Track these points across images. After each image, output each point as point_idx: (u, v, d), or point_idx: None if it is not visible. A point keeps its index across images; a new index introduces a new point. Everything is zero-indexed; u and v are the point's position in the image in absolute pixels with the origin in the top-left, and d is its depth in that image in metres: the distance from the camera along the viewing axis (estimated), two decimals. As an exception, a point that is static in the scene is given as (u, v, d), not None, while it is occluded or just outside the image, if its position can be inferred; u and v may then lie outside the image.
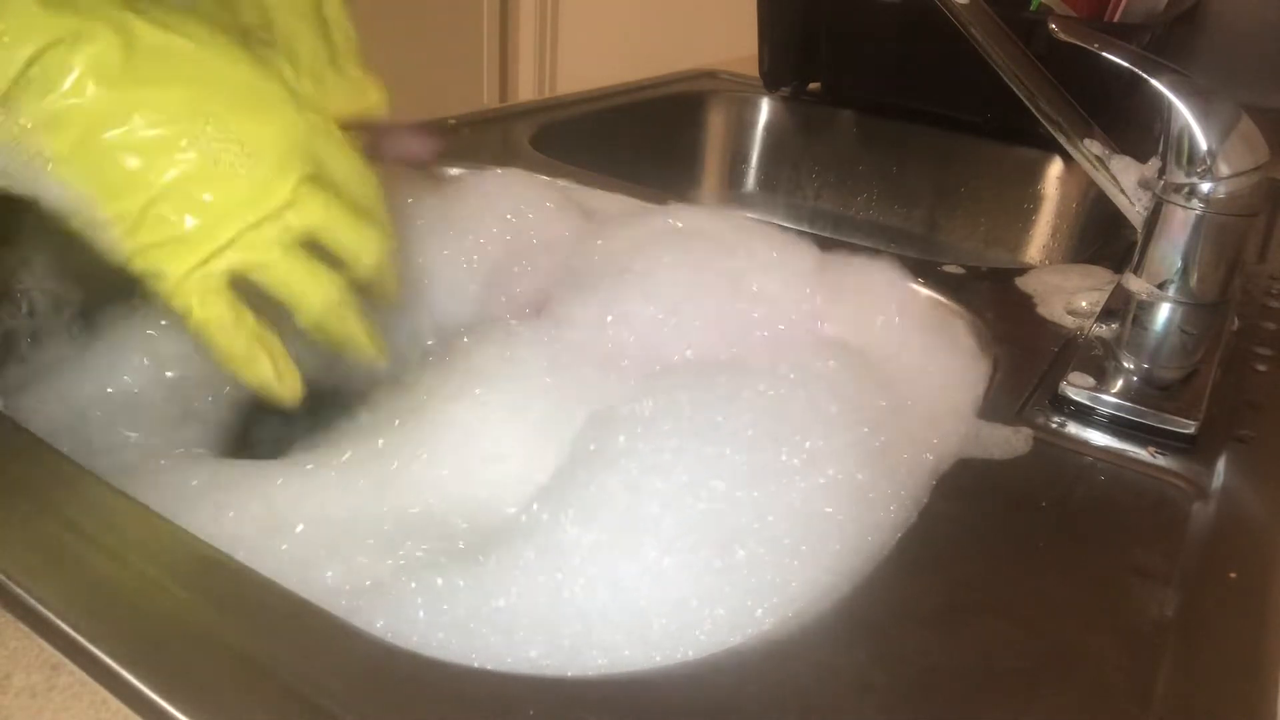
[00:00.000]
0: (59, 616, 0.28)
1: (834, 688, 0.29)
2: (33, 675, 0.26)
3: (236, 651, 0.27)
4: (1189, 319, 0.45)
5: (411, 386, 0.46)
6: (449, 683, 0.28)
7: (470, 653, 0.32)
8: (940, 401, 0.45)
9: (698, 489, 0.35)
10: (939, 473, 0.40)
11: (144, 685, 0.26)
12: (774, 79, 1.05)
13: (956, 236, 0.98)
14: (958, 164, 0.97)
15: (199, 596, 0.29)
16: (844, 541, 0.35)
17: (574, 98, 0.97)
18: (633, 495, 0.35)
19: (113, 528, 0.32)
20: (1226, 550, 0.36)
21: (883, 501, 0.37)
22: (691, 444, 0.37)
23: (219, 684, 0.26)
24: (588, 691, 0.28)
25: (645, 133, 1.01)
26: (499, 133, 0.83)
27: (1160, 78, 0.43)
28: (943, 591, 0.33)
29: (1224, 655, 0.31)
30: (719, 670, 0.30)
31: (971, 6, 0.61)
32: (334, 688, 0.26)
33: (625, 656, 0.32)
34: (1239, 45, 0.44)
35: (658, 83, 1.06)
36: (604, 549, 0.34)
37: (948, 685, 0.29)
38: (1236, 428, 0.45)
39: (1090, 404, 0.45)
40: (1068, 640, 0.31)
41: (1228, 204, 0.43)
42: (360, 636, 0.29)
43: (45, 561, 0.30)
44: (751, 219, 0.61)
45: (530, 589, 0.33)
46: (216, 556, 0.31)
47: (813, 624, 0.32)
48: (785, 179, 1.06)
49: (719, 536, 0.34)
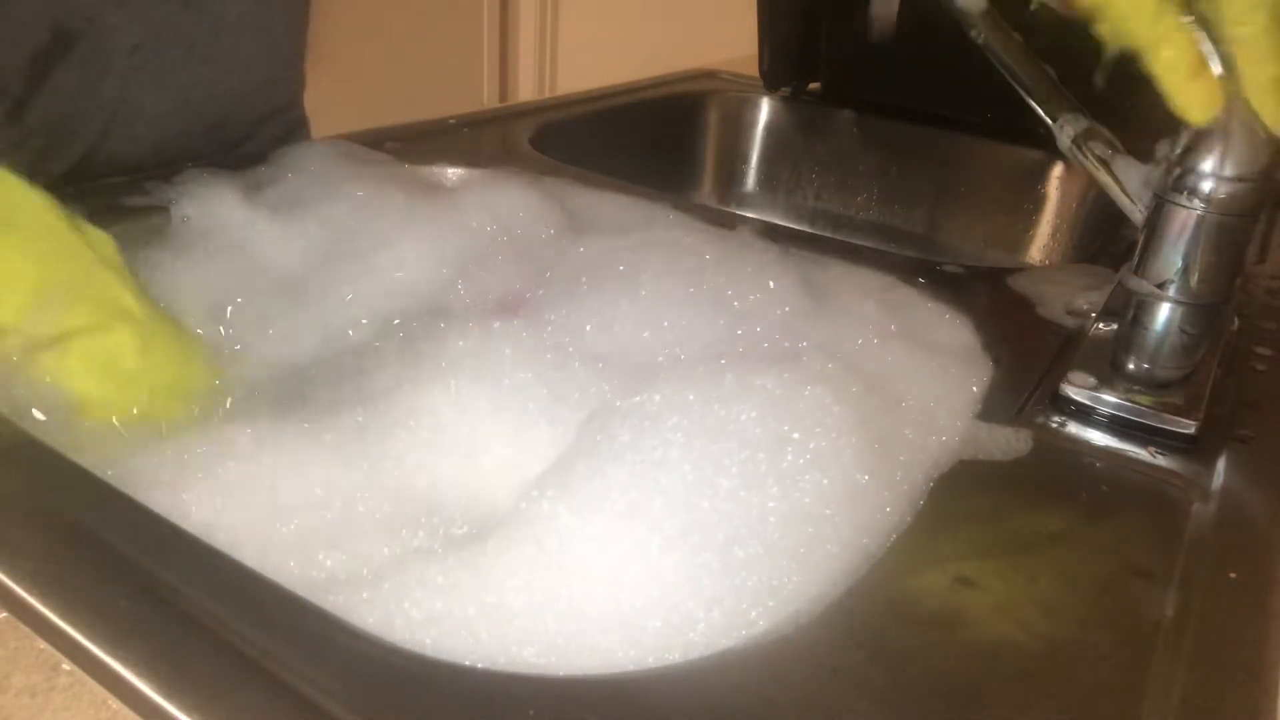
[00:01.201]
0: (59, 616, 0.28)
1: (834, 688, 0.29)
2: (33, 675, 0.26)
3: (236, 651, 0.27)
4: (1189, 319, 0.45)
5: (382, 377, 0.46)
6: (449, 683, 0.28)
7: (460, 647, 0.32)
8: (939, 402, 0.45)
9: (701, 487, 0.35)
10: (938, 474, 0.40)
11: (144, 685, 0.26)
12: (774, 79, 1.05)
13: (956, 236, 0.98)
14: (958, 164, 0.97)
15: (200, 596, 0.29)
16: (841, 544, 0.35)
17: (574, 98, 0.97)
18: (637, 490, 0.35)
19: (112, 527, 0.32)
20: (1226, 550, 0.36)
21: (880, 504, 0.37)
22: (698, 441, 0.37)
23: (219, 684, 0.26)
24: (588, 691, 0.28)
25: (645, 133, 1.01)
26: (499, 133, 0.83)
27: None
28: (943, 592, 0.33)
29: (1224, 655, 0.31)
30: (719, 670, 0.30)
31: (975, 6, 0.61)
32: (334, 688, 0.26)
33: (618, 657, 0.32)
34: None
35: (658, 83, 1.06)
36: (603, 543, 0.34)
37: (948, 685, 0.29)
38: (1236, 428, 0.45)
39: (1090, 404, 0.45)
40: (1068, 640, 0.31)
41: (1229, 204, 0.43)
42: (360, 636, 0.29)
43: (45, 562, 0.30)
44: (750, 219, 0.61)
45: (528, 583, 0.33)
46: (217, 556, 0.31)
47: (812, 624, 0.32)
48: (785, 179, 1.06)
49: (721, 536, 0.34)
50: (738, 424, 0.38)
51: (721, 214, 0.71)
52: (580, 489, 0.36)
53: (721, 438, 0.37)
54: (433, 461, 0.43)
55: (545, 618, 0.32)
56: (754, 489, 0.36)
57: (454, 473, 0.43)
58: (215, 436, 0.42)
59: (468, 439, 0.44)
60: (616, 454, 0.37)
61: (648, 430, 0.37)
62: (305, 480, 0.41)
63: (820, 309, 0.53)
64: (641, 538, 0.34)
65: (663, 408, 0.38)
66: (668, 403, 0.39)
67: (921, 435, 0.42)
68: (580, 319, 0.50)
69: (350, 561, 0.38)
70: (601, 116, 0.95)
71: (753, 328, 0.51)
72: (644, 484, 0.36)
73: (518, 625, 0.32)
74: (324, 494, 0.41)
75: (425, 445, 0.44)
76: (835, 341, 0.50)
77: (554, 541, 0.34)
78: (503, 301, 0.57)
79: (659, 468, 0.36)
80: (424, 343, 0.48)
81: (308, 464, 0.42)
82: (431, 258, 0.59)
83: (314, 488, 0.41)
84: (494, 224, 0.60)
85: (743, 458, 0.36)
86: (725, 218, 0.66)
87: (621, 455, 0.37)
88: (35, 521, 0.32)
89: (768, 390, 0.39)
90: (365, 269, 0.58)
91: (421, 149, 0.75)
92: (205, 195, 0.58)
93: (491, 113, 0.90)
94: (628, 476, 0.36)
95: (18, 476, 0.34)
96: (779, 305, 0.52)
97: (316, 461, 0.42)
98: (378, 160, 0.69)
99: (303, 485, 0.41)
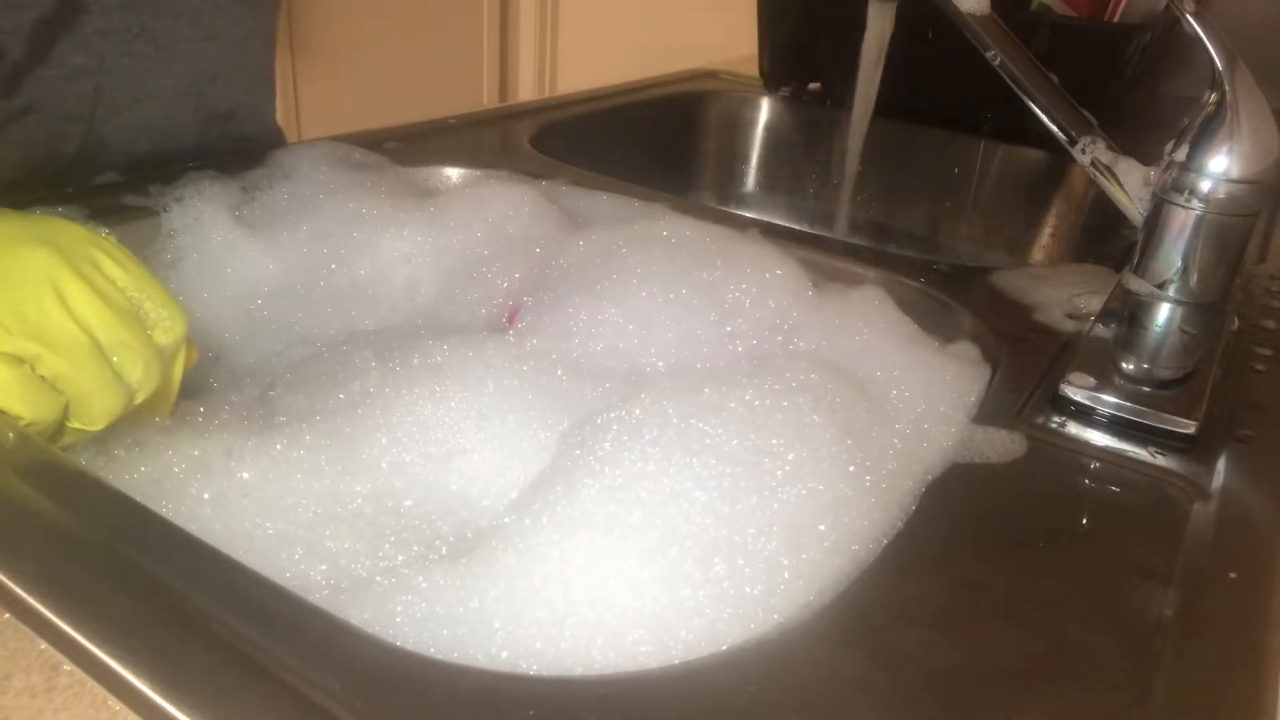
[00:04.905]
0: (59, 616, 0.28)
1: (833, 688, 0.29)
2: (33, 675, 0.26)
3: (237, 651, 0.27)
4: (1189, 319, 0.45)
5: (365, 386, 0.46)
6: (449, 683, 0.28)
7: (438, 653, 0.32)
8: (936, 405, 0.45)
9: (680, 499, 0.35)
10: (933, 477, 0.40)
11: (144, 685, 0.26)
12: (774, 79, 1.05)
13: (956, 237, 0.98)
14: (958, 164, 0.97)
15: (200, 596, 0.29)
16: (825, 551, 0.35)
17: (574, 98, 0.97)
18: (616, 503, 0.35)
19: (113, 527, 0.32)
20: (1226, 550, 0.36)
21: (867, 510, 0.37)
22: (676, 454, 0.37)
23: (219, 684, 0.26)
24: (588, 691, 0.28)
25: (645, 133, 1.01)
26: (499, 133, 0.83)
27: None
28: (942, 592, 0.33)
29: (1224, 655, 0.31)
30: (719, 670, 0.30)
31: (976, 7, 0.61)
32: (334, 688, 0.26)
33: (598, 667, 0.32)
34: (1239, 45, 0.44)
35: (657, 83, 1.06)
36: (583, 556, 0.34)
37: (947, 685, 0.29)
38: (1236, 428, 0.45)
39: (1090, 404, 0.45)
40: (1068, 640, 0.31)
41: (1228, 204, 0.43)
42: (360, 636, 0.29)
43: (45, 561, 0.30)
44: (749, 218, 0.61)
45: (507, 593, 0.33)
46: (218, 556, 0.31)
47: (812, 624, 0.32)
48: (785, 179, 1.06)
49: (699, 548, 0.34)
50: (716, 437, 0.37)
51: (721, 214, 0.71)
52: (559, 501, 0.36)
53: (701, 450, 0.37)
54: (414, 470, 0.43)
55: (525, 625, 0.32)
56: (733, 501, 0.36)
57: (435, 481, 0.43)
58: (192, 447, 0.42)
59: (451, 448, 0.44)
60: (595, 467, 0.37)
61: (626, 444, 0.37)
62: (283, 489, 0.41)
63: (817, 309, 0.53)
64: (621, 550, 0.34)
65: (643, 420, 0.38)
66: (647, 415, 0.39)
67: (915, 439, 0.42)
68: (569, 325, 0.50)
69: (331, 571, 0.38)
70: (601, 116, 0.95)
71: (746, 329, 0.51)
72: (623, 496, 0.35)
73: (499, 634, 0.32)
74: (305, 502, 0.41)
75: (407, 453, 0.44)
76: (831, 343, 0.50)
77: (533, 553, 0.34)
78: (495, 309, 0.56)
79: (639, 480, 0.36)
80: (409, 352, 0.48)
81: (285, 473, 0.42)
82: (422, 267, 0.59)
83: (292, 496, 0.41)
84: (487, 229, 0.60)
85: (721, 470, 0.36)
86: (724, 217, 0.66)
87: (600, 468, 0.37)
88: (35, 522, 0.32)
89: (746, 402, 0.39)
90: (355, 279, 0.58)
91: (421, 149, 0.75)
92: (199, 200, 0.58)
93: (491, 113, 0.90)
94: (606, 489, 0.36)
95: (18, 479, 0.34)
96: (774, 306, 0.52)
97: (294, 470, 0.42)
98: (375, 164, 0.69)
99: (281, 494, 0.41)
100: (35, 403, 0.37)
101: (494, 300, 0.57)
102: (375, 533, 0.40)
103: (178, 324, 0.43)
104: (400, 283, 0.58)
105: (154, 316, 0.42)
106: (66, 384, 0.38)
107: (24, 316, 0.38)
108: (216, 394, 0.51)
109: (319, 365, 0.50)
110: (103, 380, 0.39)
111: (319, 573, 0.38)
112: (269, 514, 0.40)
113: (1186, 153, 0.44)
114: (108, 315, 0.40)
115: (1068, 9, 0.93)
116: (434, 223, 0.60)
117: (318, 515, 0.40)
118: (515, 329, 0.52)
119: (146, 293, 0.42)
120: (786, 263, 0.55)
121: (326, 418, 0.44)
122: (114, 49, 0.60)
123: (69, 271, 0.39)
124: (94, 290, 0.40)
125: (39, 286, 0.38)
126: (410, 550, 0.40)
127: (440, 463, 0.43)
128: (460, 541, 0.40)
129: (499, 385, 0.45)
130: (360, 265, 0.58)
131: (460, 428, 0.44)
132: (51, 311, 0.38)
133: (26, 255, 0.39)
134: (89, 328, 0.39)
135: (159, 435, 0.42)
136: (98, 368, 0.39)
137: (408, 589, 0.34)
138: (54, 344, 0.38)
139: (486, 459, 0.43)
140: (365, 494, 0.42)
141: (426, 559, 0.39)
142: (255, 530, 0.39)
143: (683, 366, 0.49)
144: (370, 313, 0.57)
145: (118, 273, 0.41)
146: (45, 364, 0.38)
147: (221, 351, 0.55)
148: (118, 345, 0.40)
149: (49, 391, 0.38)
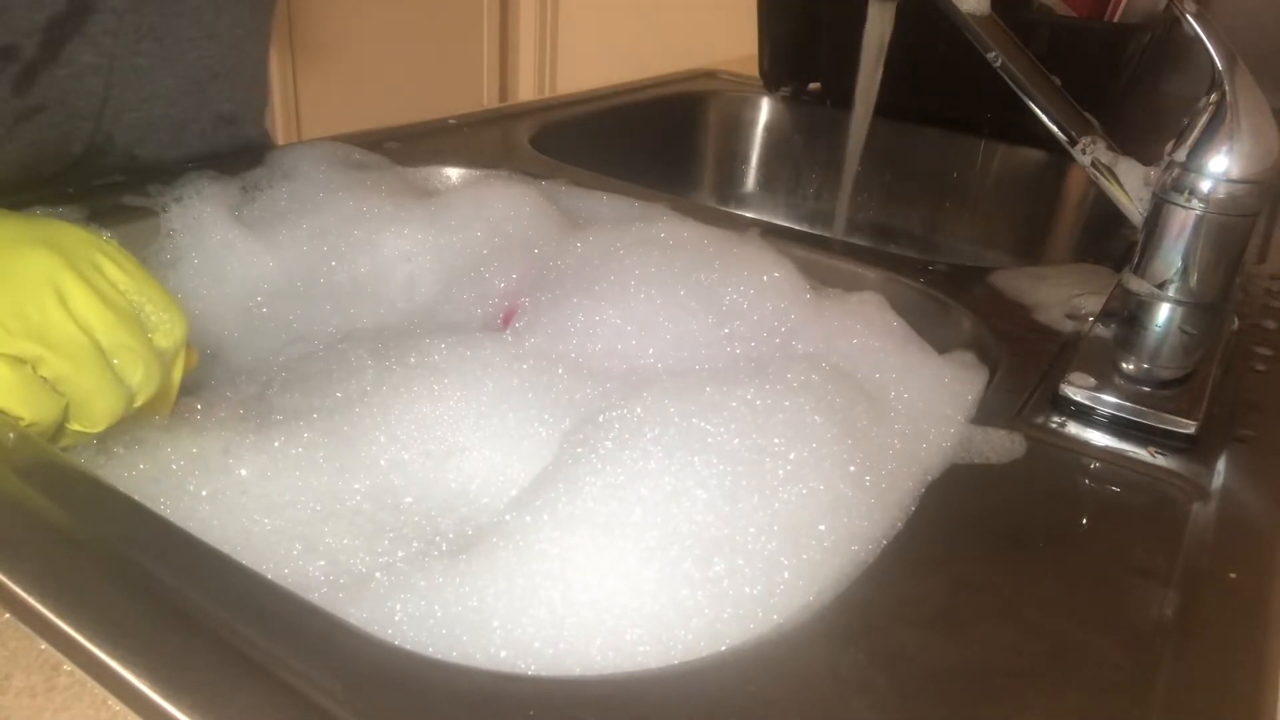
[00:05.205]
0: (59, 616, 0.28)
1: (833, 688, 0.29)
2: (33, 675, 0.26)
3: (237, 651, 0.27)
4: (1189, 319, 0.45)
5: (363, 385, 0.46)
6: (449, 683, 0.28)
7: (437, 651, 0.32)
8: (936, 405, 0.45)
9: (681, 498, 0.35)
10: (932, 478, 0.40)
11: (144, 685, 0.26)
12: (774, 79, 1.05)
13: (956, 237, 0.98)
14: (958, 164, 0.97)
15: (200, 596, 0.29)
16: (825, 551, 0.35)
17: (574, 98, 0.97)
18: (617, 501, 0.35)
19: (113, 527, 0.32)
20: (1226, 550, 0.36)
21: (867, 510, 0.37)
22: (678, 452, 0.37)
23: (219, 684, 0.26)
24: (588, 692, 0.28)
25: (645, 133, 1.01)
26: (499, 133, 0.83)
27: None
28: (942, 592, 0.33)
29: (1224, 655, 0.31)
30: (719, 670, 0.30)
31: (976, 8, 0.61)
32: (333, 687, 0.26)
33: (597, 665, 0.31)
34: (1239, 45, 0.44)
35: (657, 83, 1.06)
36: (584, 554, 0.34)
37: (948, 685, 0.29)
38: (1236, 428, 0.45)
39: (1090, 404, 0.45)
40: (1068, 640, 0.31)
41: (1228, 204, 0.43)
42: (360, 636, 0.29)
43: (45, 561, 0.30)
44: (749, 219, 0.61)
45: (506, 591, 0.33)
46: (218, 556, 0.31)
47: (812, 624, 0.32)
48: (785, 179, 1.06)
49: (699, 547, 0.34)
50: (718, 436, 0.37)
51: (720, 214, 0.71)
52: (560, 498, 0.36)
53: (702, 449, 0.37)
54: (413, 467, 0.43)
55: (525, 624, 0.32)
56: (734, 500, 0.36)
57: (435, 479, 0.43)
58: (190, 444, 0.42)
59: (450, 446, 0.44)
60: (597, 465, 0.37)
61: (628, 442, 0.37)
62: (281, 486, 0.41)
63: (815, 312, 0.53)
64: (621, 548, 0.34)
65: (644, 419, 0.38)
66: (649, 413, 0.39)
67: (914, 439, 0.42)
68: (567, 325, 0.50)
69: (329, 568, 0.38)
70: (601, 116, 0.95)
71: (745, 330, 0.51)
72: (625, 494, 0.35)
73: (498, 633, 0.32)
74: (303, 499, 0.41)
75: (406, 451, 0.44)
76: (830, 344, 0.50)
77: (533, 551, 0.34)
78: (493, 309, 0.56)
79: (640, 478, 0.36)
80: (407, 351, 0.48)
81: (283, 471, 0.42)
82: (421, 266, 0.59)
83: (290, 493, 0.41)
84: (487, 229, 0.60)
85: (723, 469, 0.36)
86: (724, 218, 0.66)
87: (602, 466, 0.37)
88: (35, 522, 0.32)
89: (748, 401, 0.39)
90: (355, 278, 0.58)
91: (421, 149, 0.75)
92: (199, 200, 0.58)
93: (491, 113, 0.90)
94: (608, 487, 0.36)
95: (18, 479, 0.34)
96: (774, 307, 0.52)
97: (292, 468, 0.42)
98: (375, 164, 0.69)
99: (279, 491, 0.41)
100: (36, 404, 0.37)
101: (492, 300, 0.57)
102: (374, 529, 0.40)
103: (178, 327, 0.43)
104: (399, 282, 0.58)
105: (155, 319, 0.42)
106: (67, 386, 0.38)
107: (25, 318, 0.38)
108: (215, 391, 0.51)
109: (317, 363, 0.50)
110: (103, 382, 0.39)
111: (317, 569, 0.38)
112: (267, 511, 0.40)
113: (1186, 153, 0.44)
114: (109, 317, 0.40)
115: (1068, 9, 0.93)
116: (433, 222, 0.60)
117: (316, 512, 0.41)
118: (512, 329, 0.52)
119: (147, 295, 0.42)
120: (784, 265, 0.54)
121: (324, 415, 0.44)
122: (123, 48, 0.60)
123: (70, 273, 0.39)
124: (95, 292, 0.40)
125: (40, 288, 0.38)
126: (410, 546, 0.40)
127: (439, 460, 0.43)
128: (460, 538, 0.40)
129: (498, 384, 0.45)
130: (359, 264, 0.58)
131: (459, 426, 0.44)
132: (53, 313, 0.38)
133: (28, 257, 0.39)
134: (90, 330, 0.39)
135: (157, 433, 0.42)
136: (99, 370, 0.39)
137: (407, 586, 0.34)
138: (55, 345, 0.38)
139: (486, 457, 0.43)
140: (364, 491, 0.42)
141: (426, 555, 0.39)
142: (253, 527, 0.39)
143: (680, 368, 0.49)
144: (369, 312, 0.58)
145: (119, 275, 0.41)
146: (46, 365, 0.38)
147: (220, 350, 0.55)
148: (119, 348, 0.40)
149: (50, 393, 0.38)
